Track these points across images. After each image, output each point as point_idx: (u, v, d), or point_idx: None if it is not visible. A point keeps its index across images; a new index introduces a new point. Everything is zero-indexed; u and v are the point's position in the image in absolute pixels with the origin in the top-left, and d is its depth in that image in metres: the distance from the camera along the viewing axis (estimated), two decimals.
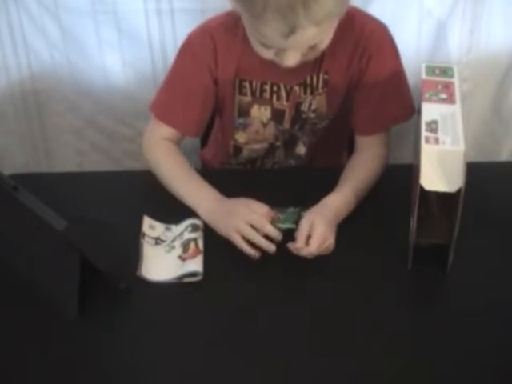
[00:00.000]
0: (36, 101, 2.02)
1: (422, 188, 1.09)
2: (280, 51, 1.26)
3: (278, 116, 1.44)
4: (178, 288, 1.19)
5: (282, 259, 1.23)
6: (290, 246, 1.21)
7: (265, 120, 1.45)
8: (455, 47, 1.86)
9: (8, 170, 1.29)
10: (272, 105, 1.42)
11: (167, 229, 1.31)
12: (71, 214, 1.09)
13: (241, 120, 1.46)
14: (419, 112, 1.19)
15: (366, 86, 1.38)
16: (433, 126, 1.12)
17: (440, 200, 1.14)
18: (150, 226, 1.30)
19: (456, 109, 1.16)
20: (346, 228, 1.29)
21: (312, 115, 1.44)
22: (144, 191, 1.42)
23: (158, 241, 1.28)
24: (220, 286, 1.20)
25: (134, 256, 1.24)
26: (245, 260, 1.23)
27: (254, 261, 1.23)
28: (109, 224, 1.29)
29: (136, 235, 1.28)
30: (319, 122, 1.47)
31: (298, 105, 1.43)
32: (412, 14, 1.82)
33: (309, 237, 1.20)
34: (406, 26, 1.83)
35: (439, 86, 1.22)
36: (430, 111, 1.16)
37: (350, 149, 1.71)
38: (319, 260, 1.23)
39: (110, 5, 1.84)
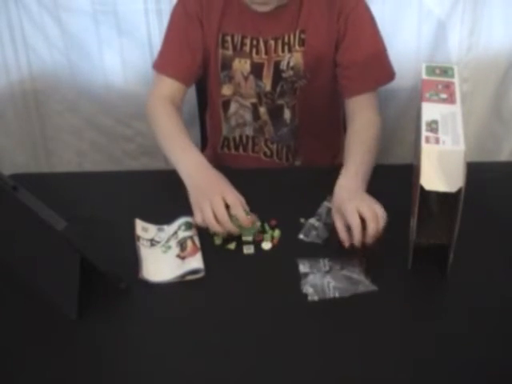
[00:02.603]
0: (36, 101, 2.02)
1: (422, 188, 1.09)
2: None
3: (257, 69, 1.51)
4: (177, 288, 1.19)
5: (281, 258, 1.24)
6: (347, 245, 1.21)
7: (245, 73, 1.52)
8: (455, 47, 1.86)
9: (8, 170, 1.29)
10: (251, 58, 1.50)
11: (160, 229, 1.31)
12: (71, 214, 1.09)
13: (224, 73, 1.54)
14: (419, 112, 1.19)
15: (347, 49, 1.47)
16: (433, 126, 1.12)
17: (440, 200, 1.14)
18: (143, 229, 1.30)
19: (456, 109, 1.16)
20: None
21: (290, 72, 1.50)
22: (144, 191, 1.43)
23: (152, 242, 1.28)
24: (220, 285, 1.20)
25: (133, 256, 1.24)
26: (244, 259, 1.24)
27: (253, 261, 1.23)
28: (108, 224, 1.29)
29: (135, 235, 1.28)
30: (297, 81, 1.51)
31: (276, 64, 1.50)
32: (412, 14, 1.82)
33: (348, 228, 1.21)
34: (406, 26, 1.83)
35: (439, 86, 1.22)
36: (430, 111, 1.16)
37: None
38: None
39: (110, 5, 1.84)
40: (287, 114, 1.56)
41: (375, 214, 1.20)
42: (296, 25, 1.46)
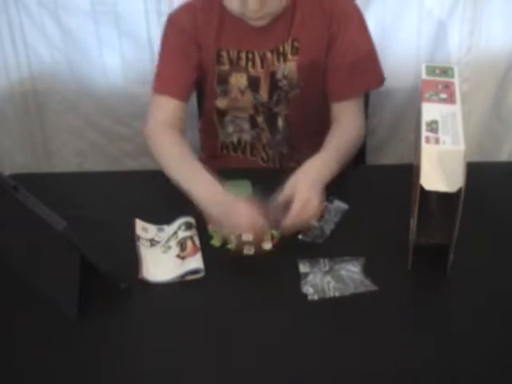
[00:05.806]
0: (36, 101, 2.02)
1: (422, 188, 1.09)
2: None
3: (253, 83, 1.51)
4: (177, 288, 1.20)
5: (281, 258, 1.24)
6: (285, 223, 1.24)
7: (242, 87, 1.52)
8: (455, 47, 1.86)
9: (8, 170, 1.30)
10: (248, 72, 1.50)
11: (160, 229, 1.31)
12: (71, 214, 1.09)
13: (221, 87, 1.53)
14: (419, 112, 1.19)
15: (338, 51, 1.46)
16: (433, 126, 1.12)
17: (440, 200, 1.14)
18: (143, 229, 1.30)
19: (456, 109, 1.16)
20: (346, 228, 1.29)
21: (285, 82, 1.49)
22: (144, 191, 1.43)
23: (152, 242, 1.29)
24: (220, 285, 1.20)
25: (133, 256, 1.24)
26: (244, 259, 1.24)
27: (253, 261, 1.23)
28: (109, 224, 1.29)
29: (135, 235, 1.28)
30: (290, 90, 1.51)
31: (272, 74, 1.50)
32: (412, 14, 1.82)
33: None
34: (406, 26, 1.83)
35: (439, 86, 1.22)
36: (430, 111, 1.16)
37: None
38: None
39: (110, 5, 1.84)
40: (280, 123, 1.56)
41: (305, 219, 1.24)
42: (289, 34, 1.46)
